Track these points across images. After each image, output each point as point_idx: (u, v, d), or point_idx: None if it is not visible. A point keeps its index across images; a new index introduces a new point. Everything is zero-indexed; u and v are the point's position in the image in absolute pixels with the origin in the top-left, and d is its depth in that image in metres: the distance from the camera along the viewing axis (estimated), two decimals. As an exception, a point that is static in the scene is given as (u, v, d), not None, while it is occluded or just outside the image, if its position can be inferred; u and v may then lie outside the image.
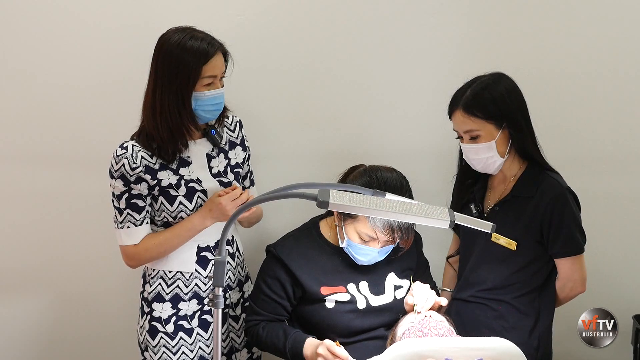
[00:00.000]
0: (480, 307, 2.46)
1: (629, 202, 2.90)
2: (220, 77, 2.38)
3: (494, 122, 2.34)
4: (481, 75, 2.40)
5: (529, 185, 2.40)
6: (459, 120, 2.37)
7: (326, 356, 2.21)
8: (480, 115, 2.33)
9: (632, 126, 2.86)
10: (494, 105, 2.33)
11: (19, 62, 2.84)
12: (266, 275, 2.42)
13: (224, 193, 2.37)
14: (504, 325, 2.41)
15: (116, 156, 2.35)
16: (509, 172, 2.45)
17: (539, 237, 2.39)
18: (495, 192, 2.49)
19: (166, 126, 2.33)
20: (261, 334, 2.39)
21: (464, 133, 2.38)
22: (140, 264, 2.47)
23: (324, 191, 1.72)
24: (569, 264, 2.40)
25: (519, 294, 2.42)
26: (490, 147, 2.36)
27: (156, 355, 2.47)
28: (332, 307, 2.37)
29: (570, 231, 2.36)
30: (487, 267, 2.46)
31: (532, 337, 2.42)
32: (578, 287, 2.43)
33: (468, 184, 2.55)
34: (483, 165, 2.40)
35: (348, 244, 2.34)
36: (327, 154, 2.89)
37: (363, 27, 2.83)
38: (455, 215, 1.77)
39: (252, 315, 2.44)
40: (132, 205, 2.38)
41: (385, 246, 2.32)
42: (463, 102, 2.35)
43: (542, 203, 2.36)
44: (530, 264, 2.41)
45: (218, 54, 2.34)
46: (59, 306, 3.04)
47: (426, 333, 2.06)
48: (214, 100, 2.36)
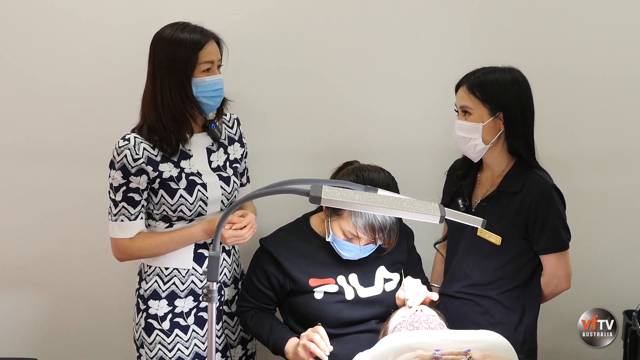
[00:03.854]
0: (466, 302, 2.48)
1: (616, 199, 2.92)
2: (218, 65, 2.41)
3: (489, 107, 2.38)
4: (498, 66, 2.44)
5: (515, 181, 2.42)
6: (461, 95, 2.42)
7: (305, 344, 2.27)
8: (478, 95, 2.38)
9: (619, 125, 2.87)
10: (495, 92, 2.37)
11: (17, 60, 2.84)
12: (255, 266, 2.50)
13: (230, 225, 2.40)
14: (489, 320, 2.43)
15: (118, 147, 2.36)
16: (497, 167, 2.47)
17: (523, 232, 2.40)
18: (483, 187, 2.51)
19: (170, 115, 2.35)
20: (249, 322, 2.50)
21: (460, 108, 2.42)
22: (129, 259, 2.47)
23: (316, 187, 1.75)
24: (554, 260, 2.41)
25: (504, 290, 2.44)
26: (476, 129, 2.39)
27: (152, 352, 2.48)
28: (321, 297, 2.41)
29: (555, 227, 2.38)
30: (472, 262, 2.48)
31: (517, 332, 2.44)
32: (563, 283, 2.45)
33: (457, 176, 2.57)
34: (464, 145, 2.43)
35: (333, 239, 2.39)
36: (323, 152, 2.89)
37: (359, 25, 2.83)
38: (446, 211, 1.80)
39: (241, 301, 2.55)
40: (128, 199, 2.39)
41: (367, 244, 2.36)
42: (470, 80, 2.40)
43: (527, 199, 2.38)
44: (515, 260, 2.43)
45: (211, 41, 2.38)
46: (55, 302, 3.04)
47: (417, 327, 2.08)
48: (214, 85, 2.38)
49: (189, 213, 2.43)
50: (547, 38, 2.82)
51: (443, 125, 2.74)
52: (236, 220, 2.42)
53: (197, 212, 2.44)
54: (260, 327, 2.46)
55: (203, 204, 2.43)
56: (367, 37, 2.84)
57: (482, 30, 2.83)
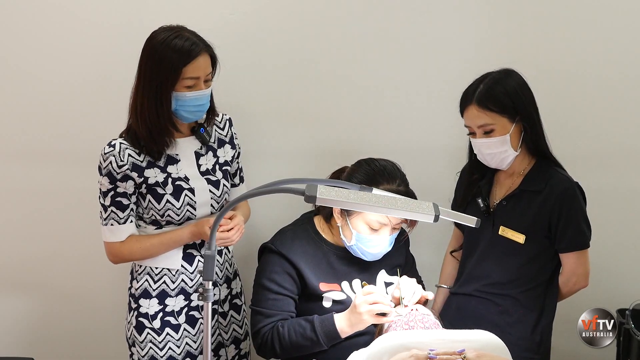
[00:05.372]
0: (484, 302, 2.47)
1: (612, 197, 2.93)
2: (205, 79, 2.35)
3: (508, 116, 2.35)
4: (491, 72, 2.41)
5: (538, 180, 2.41)
6: (473, 114, 2.36)
7: (370, 309, 2.19)
8: (494, 108, 2.34)
9: (618, 124, 2.88)
10: (508, 99, 2.34)
11: (12, 59, 2.84)
12: (272, 273, 2.37)
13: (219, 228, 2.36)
14: (507, 320, 2.42)
15: (104, 154, 2.36)
16: (518, 167, 2.45)
17: (546, 231, 2.40)
18: (502, 186, 2.50)
19: (145, 125, 2.33)
20: (282, 330, 2.32)
21: (478, 128, 2.37)
22: (122, 261, 2.48)
23: (311, 186, 1.75)
24: (575, 258, 2.41)
25: (524, 289, 2.43)
26: (504, 141, 2.36)
27: (143, 350, 2.48)
28: (329, 306, 2.39)
29: (579, 226, 2.38)
30: (493, 260, 2.46)
31: (535, 333, 2.43)
32: (581, 281, 2.45)
33: (475, 179, 2.54)
34: (497, 159, 2.40)
35: (357, 238, 2.32)
36: (318, 152, 2.90)
37: (354, 25, 2.83)
38: (441, 210, 1.80)
39: (263, 320, 2.35)
40: (116, 203, 2.39)
41: (394, 232, 2.34)
42: (477, 97, 2.35)
43: (551, 197, 2.37)
44: (537, 258, 2.42)
45: (203, 55, 2.31)
46: (49, 302, 3.04)
47: (412, 326, 2.08)
48: (195, 101, 2.34)
49: (177, 218, 2.43)
50: (551, 37, 2.83)
51: (443, 125, 2.76)
52: (223, 222, 2.40)
53: (186, 216, 2.43)
54: (297, 323, 2.32)
55: (191, 209, 2.43)
56: (362, 36, 2.85)
57: (485, 28, 2.83)
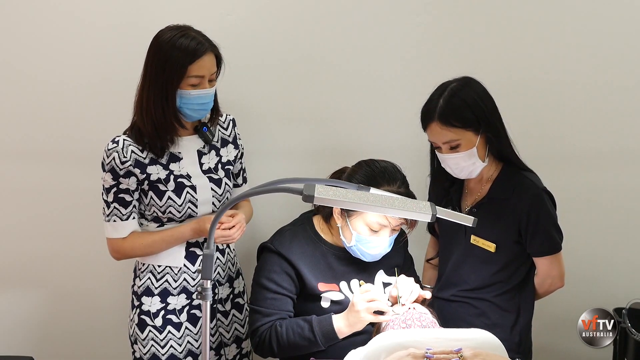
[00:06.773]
0: (462, 305, 2.48)
1: (605, 198, 2.93)
2: (210, 79, 2.37)
3: (472, 129, 2.31)
4: (448, 82, 2.35)
5: (505, 187, 2.39)
6: (436, 132, 2.31)
7: (368, 307, 2.20)
8: (457, 124, 2.28)
9: (608, 124, 2.88)
10: (469, 112, 2.29)
11: (12, 59, 2.85)
12: (270, 272, 2.37)
13: (219, 225, 2.36)
14: (485, 322, 2.42)
15: (107, 150, 2.37)
16: (486, 173, 2.43)
17: (516, 237, 2.40)
18: (471, 193, 2.49)
19: (150, 122, 2.35)
20: (280, 330, 2.31)
21: (443, 144, 2.33)
22: (124, 258, 2.49)
23: (309, 186, 1.76)
24: (548, 262, 2.42)
25: (499, 292, 2.44)
26: (471, 154, 2.33)
27: (145, 348, 2.49)
28: (327, 307, 2.38)
29: (547, 231, 2.37)
30: (468, 267, 2.47)
31: (513, 333, 2.44)
32: (557, 282, 2.46)
33: (445, 187, 2.52)
34: (466, 172, 2.38)
35: (357, 239, 2.32)
36: (319, 152, 2.90)
37: (353, 26, 2.83)
38: (437, 210, 1.81)
39: (261, 319, 2.35)
40: (119, 200, 2.40)
41: (394, 234, 2.34)
42: (438, 114, 2.29)
43: (519, 204, 2.36)
44: (510, 264, 2.43)
45: (208, 54, 2.33)
46: (51, 301, 3.05)
47: (409, 325, 2.09)
48: (199, 99, 2.36)
49: (179, 215, 2.44)
50: (536, 38, 2.83)
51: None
52: (225, 220, 2.41)
53: (187, 214, 2.45)
54: (295, 323, 2.31)
55: (192, 206, 2.44)
56: (361, 37, 2.85)
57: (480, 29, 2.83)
